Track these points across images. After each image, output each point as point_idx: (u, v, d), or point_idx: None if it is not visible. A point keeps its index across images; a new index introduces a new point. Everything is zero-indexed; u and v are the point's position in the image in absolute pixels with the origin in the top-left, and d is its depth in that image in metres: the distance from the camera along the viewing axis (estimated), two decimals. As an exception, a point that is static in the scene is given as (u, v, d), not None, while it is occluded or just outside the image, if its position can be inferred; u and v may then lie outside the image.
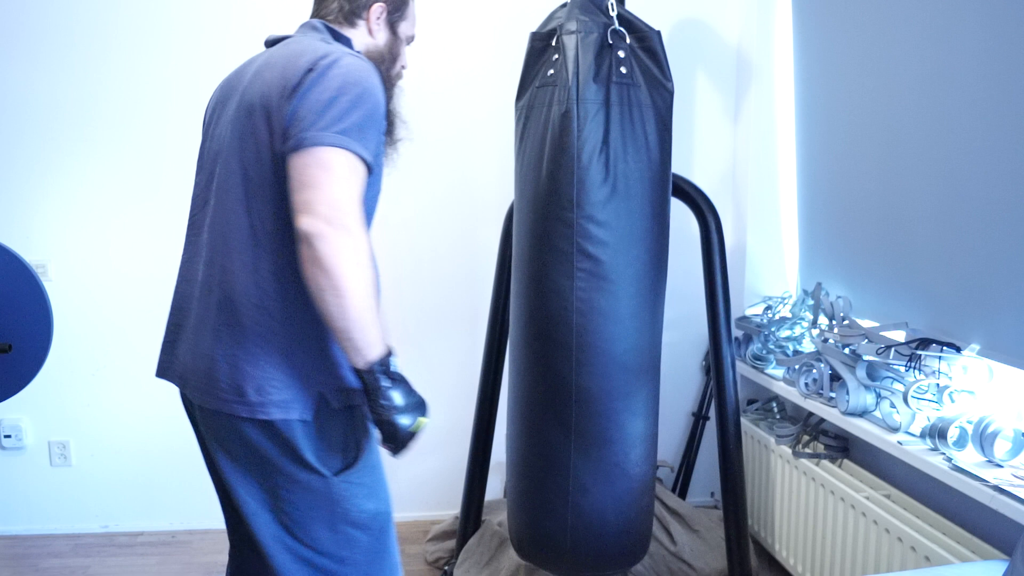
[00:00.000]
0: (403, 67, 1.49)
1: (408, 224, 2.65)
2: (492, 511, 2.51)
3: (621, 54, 1.82)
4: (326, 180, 1.12)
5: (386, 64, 1.42)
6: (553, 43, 1.87)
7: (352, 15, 1.39)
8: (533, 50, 1.95)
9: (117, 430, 2.66)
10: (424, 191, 2.65)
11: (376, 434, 1.26)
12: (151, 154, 2.53)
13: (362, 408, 1.29)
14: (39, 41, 2.47)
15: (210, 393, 1.24)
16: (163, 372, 1.36)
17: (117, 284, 2.60)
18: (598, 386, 1.82)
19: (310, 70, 1.19)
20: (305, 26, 1.36)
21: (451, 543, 2.46)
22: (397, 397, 1.22)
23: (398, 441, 1.23)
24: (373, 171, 1.22)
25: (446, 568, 2.37)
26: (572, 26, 1.82)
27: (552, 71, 1.85)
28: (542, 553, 1.97)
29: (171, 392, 2.65)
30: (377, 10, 1.39)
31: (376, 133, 1.20)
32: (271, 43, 1.38)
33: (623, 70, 1.81)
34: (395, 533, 1.38)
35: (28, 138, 2.51)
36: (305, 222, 1.10)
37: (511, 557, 2.26)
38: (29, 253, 2.42)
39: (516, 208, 1.97)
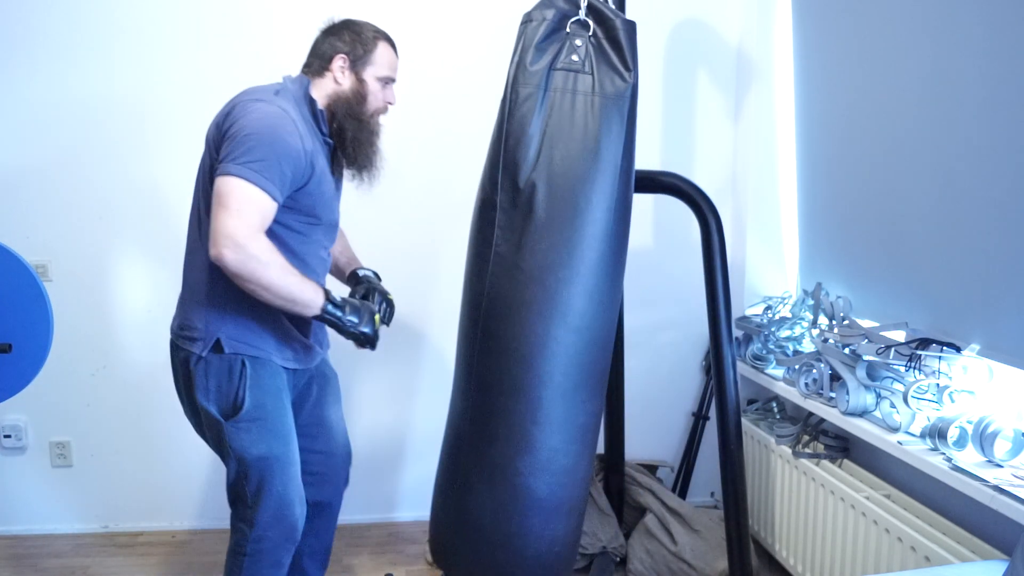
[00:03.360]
0: (388, 103, 1.82)
1: (406, 225, 2.65)
2: (492, 511, 2.50)
3: (578, 43, 1.75)
4: (223, 209, 1.53)
5: (355, 105, 1.75)
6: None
7: (321, 68, 1.76)
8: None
9: (117, 430, 2.66)
10: (421, 191, 2.65)
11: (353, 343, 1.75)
12: (151, 154, 2.53)
13: (255, 364, 1.71)
14: (40, 42, 2.47)
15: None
16: None
17: (117, 284, 2.60)
18: (492, 378, 1.73)
19: (228, 112, 1.63)
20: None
21: (451, 543, 2.45)
22: (353, 318, 1.70)
23: (371, 342, 1.74)
24: (293, 193, 1.65)
25: (446, 568, 2.37)
26: (531, 16, 1.79)
27: None
28: (435, 541, 1.94)
29: (171, 392, 2.65)
30: (339, 60, 1.74)
31: (279, 167, 1.58)
32: None
33: (574, 58, 1.73)
34: (288, 477, 1.75)
35: (28, 138, 2.51)
36: (212, 252, 1.53)
37: (511, 557, 2.26)
38: (29, 253, 2.42)
39: None
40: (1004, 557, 1.52)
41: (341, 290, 1.88)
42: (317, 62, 1.76)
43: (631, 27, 1.79)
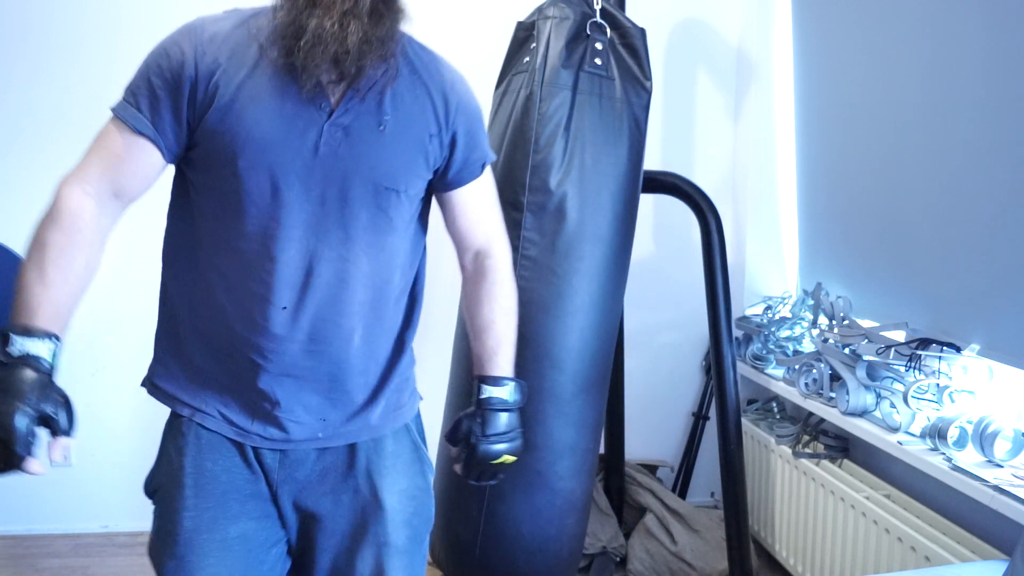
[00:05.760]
0: None
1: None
2: (492, 511, 2.50)
3: (598, 46, 1.76)
4: None
5: None
6: (533, 33, 1.85)
7: None
8: (516, 39, 1.91)
9: (117, 430, 2.65)
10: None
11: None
12: (151, 154, 2.53)
13: (170, 422, 1.19)
14: (41, 41, 2.47)
15: None
16: None
17: (117, 284, 2.59)
18: (531, 386, 1.65)
19: None
20: None
21: (451, 543, 2.45)
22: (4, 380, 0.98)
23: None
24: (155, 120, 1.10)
25: (446, 568, 2.37)
26: (550, 12, 1.79)
27: (527, 58, 1.81)
28: (452, 559, 1.81)
29: (171, 392, 2.65)
30: None
31: (145, 82, 1.13)
32: None
33: (598, 61, 1.75)
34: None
35: (28, 137, 2.51)
36: None
37: (511, 557, 2.25)
38: (29, 253, 2.42)
39: None
40: (1004, 557, 1.52)
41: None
42: None
43: (644, 35, 1.81)
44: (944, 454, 1.63)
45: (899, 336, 1.93)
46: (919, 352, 1.77)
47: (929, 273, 1.86)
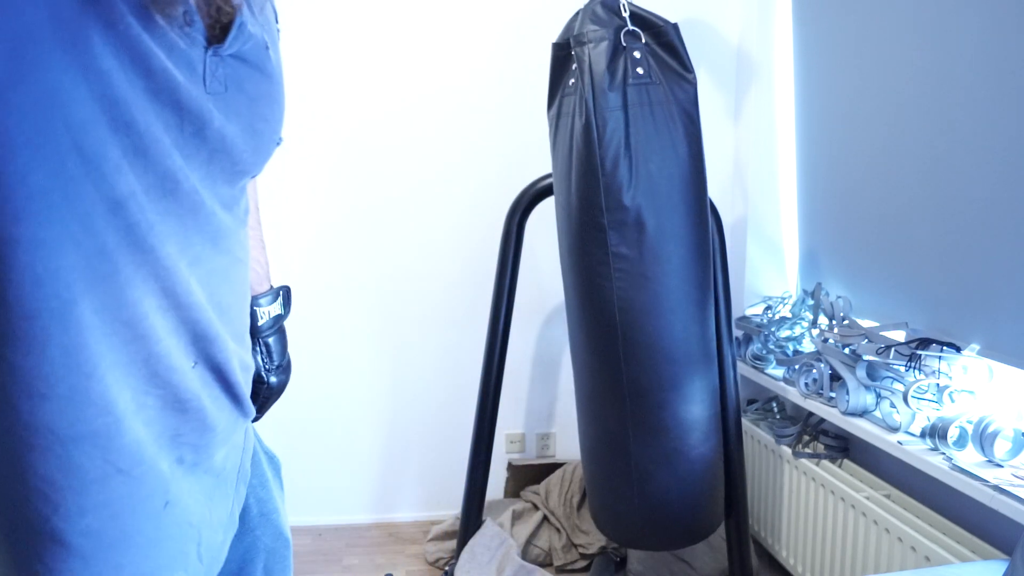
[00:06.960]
0: None
1: (411, 223, 2.65)
2: (492, 511, 2.51)
3: (637, 54, 1.82)
4: None
5: None
6: (572, 53, 1.89)
7: None
8: (556, 60, 1.98)
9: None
10: (428, 190, 2.65)
11: None
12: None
13: None
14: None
15: None
16: None
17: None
18: (648, 379, 1.90)
19: None
20: None
21: (451, 543, 2.46)
22: None
23: None
24: None
25: (446, 568, 2.38)
26: (584, 36, 1.84)
27: (573, 80, 1.88)
28: (616, 530, 2.13)
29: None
30: None
31: None
32: None
33: (640, 71, 1.82)
34: None
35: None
36: None
37: (511, 557, 2.26)
38: (29, 253, 2.42)
39: (556, 217, 2.05)
40: (1004, 557, 1.52)
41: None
42: None
43: (677, 29, 1.85)
44: (944, 454, 1.63)
45: (899, 336, 1.93)
46: (919, 352, 1.77)
47: (929, 273, 1.86)
